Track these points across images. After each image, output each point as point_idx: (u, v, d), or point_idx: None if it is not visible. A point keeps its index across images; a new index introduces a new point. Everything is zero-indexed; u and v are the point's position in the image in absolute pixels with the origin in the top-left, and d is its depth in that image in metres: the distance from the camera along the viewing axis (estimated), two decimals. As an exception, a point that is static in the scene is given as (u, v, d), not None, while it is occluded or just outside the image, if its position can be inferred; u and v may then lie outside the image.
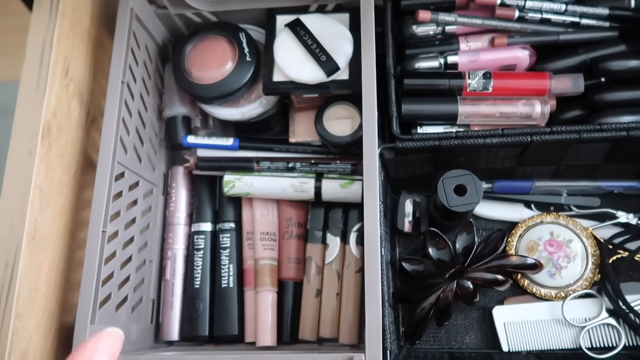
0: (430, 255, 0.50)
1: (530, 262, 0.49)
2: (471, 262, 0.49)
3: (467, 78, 0.52)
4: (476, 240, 0.50)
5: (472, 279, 0.48)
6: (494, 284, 0.49)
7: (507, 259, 0.49)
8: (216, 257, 0.54)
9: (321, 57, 0.50)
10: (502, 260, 0.49)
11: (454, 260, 0.50)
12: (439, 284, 0.49)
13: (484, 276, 0.48)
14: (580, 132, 0.46)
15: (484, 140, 0.47)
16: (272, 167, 0.54)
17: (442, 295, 0.48)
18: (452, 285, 0.48)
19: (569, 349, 0.49)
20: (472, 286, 0.48)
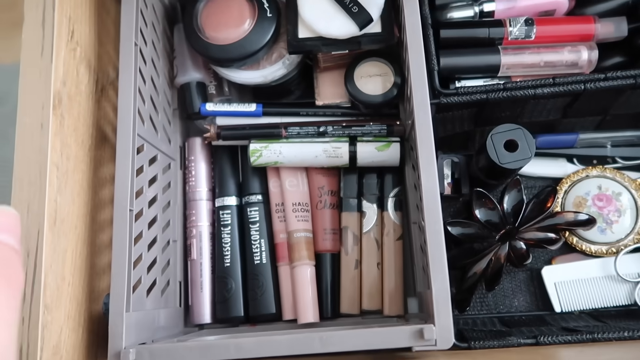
0: (477, 217, 0.47)
1: (584, 218, 0.46)
2: (522, 222, 0.47)
3: (508, 26, 0.48)
4: (525, 199, 0.47)
5: (525, 240, 0.45)
6: (547, 243, 0.46)
7: (560, 216, 0.46)
8: (245, 232, 0.51)
9: (353, 9, 0.46)
10: (555, 218, 0.46)
11: (503, 221, 0.47)
12: (489, 247, 0.46)
13: (537, 235, 0.45)
14: (636, 77, 0.43)
15: (534, 91, 0.44)
16: (302, 133, 0.49)
17: (493, 258, 0.45)
18: (504, 247, 0.45)
19: (623, 305, 0.47)
20: (525, 247, 0.45)
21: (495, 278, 0.46)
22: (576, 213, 0.47)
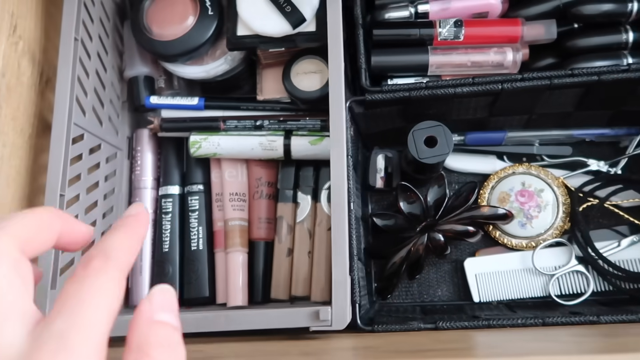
0: (401, 209, 0.50)
1: (501, 212, 0.48)
2: (442, 215, 0.49)
3: (438, 27, 0.50)
4: (447, 193, 0.50)
5: (443, 231, 0.48)
6: (465, 236, 0.48)
7: (478, 210, 0.48)
8: (185, 220, 0.53)
9: (286, 8, 0.48)
10: (473, 211, 0.48)
11: (425, 214, 0.49)
12: (411, 237, 0.49)
13: (455, 228, 0.48)
14: (551, 78, 0.45)
15: (454, 90, 0.46)
16: (240, 126, 0.52)
17: (413, 248, 0.48)
18: (422, 238, 0.48)
19: (539, 297, 0.50)
20: (442, 238, 0.47)
21: (415, 268, 0.49)
22: (493, 207, 0.49)
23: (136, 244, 0.21)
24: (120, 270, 0.19)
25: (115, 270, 0.19)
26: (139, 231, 0.21)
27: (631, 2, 0.50)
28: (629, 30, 0.50)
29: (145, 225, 0.22)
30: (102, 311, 0.18)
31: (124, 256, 0.20)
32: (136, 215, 0.22)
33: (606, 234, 0.51)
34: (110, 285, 0.19)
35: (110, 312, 0.18)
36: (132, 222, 0.21)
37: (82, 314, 0.17)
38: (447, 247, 0.48)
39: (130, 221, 0.21)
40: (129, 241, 0.21)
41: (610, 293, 0.49)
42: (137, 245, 0.21)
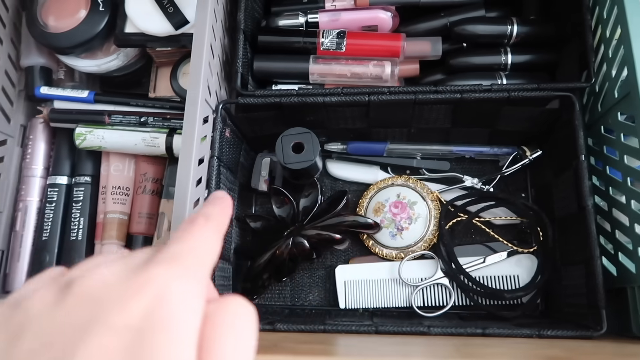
0: (274, 213, 0.51)
1: (365, 222, 0.49)
2: (310, 220, 0.50)
3: (321, 37, 0.52)
4: (319, 200, 0.51)
5: (309, 237, 0.49)
6: (331, 242, 0.49)
7: (343, 217, 0.49)
8: (69, 210, 0.54)
9: (169, 9, 0.49)
10: (338, 218, 0.49)
11: (294, 218, 0.50)
12: (278, 241, 0.49)
13: (320, 234, 0.49)
14: (416, 93, 0.46)
15: (323, 99, 0.47)
16: (125, 121, 0.53)
17: (277, 252, 0.48)
18: (288, 242, 0.48)
19: (404, 307, 0.50)
20: (307, 244, 0.48)
21: (280, 271, 0.49)
22: (358, 216, 0.50)
23: (227, 217, 0.24)
24: (218, 231, 0.22)
25: (215, 229, 0.22)
26: (228, 207, 0.24)
27: (511, 24, 0.51)
28: (508, 52, 0.52)
29: (231, 205, 0.25)
30: (208, 250, 0.21)
31: (220, 221, 0.23)
32: (223, 196, 0.25)
33: (478, 249, 0.52)
34: (213, 237, 0.22)
35: (213, 256, 0.21)
36: (223, 200, 0.24)
37: (191, 244, 0.20)
38: (313, 253, 0.49)
39: (221, 197, 0.25)
40: (223, 211, 0.24)
41: (471, 308, 0.50)
42: (227, 217, 0.24)
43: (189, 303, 0.17)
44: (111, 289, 0.17)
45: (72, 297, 0.17)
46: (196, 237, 0.21)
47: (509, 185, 0.54)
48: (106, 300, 0.17)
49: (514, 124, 0.50)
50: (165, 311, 0.17)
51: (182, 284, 0.18)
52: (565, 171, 0.46)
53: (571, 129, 0.45)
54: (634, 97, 0.40)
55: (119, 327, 0.16)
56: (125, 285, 0.17)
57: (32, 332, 0.16)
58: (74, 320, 0.16)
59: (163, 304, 0.17)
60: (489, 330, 0.41)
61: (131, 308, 0.16)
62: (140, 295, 0.17)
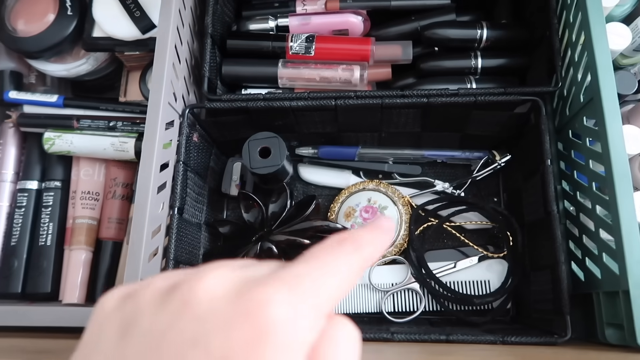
0: (243, 218, 0.50)
1: (332, 227, 0.49)
2: (279, 226, 0.49)
3: (290, 41, 0.51)
4: (288, 205, 0.50)
5: (277, 242, 0.48)
6: (300, 248, 0.49)
7: (310, 222, 0.49)
8: (38, 215, 0.54)
9: (135, 13, 0.49)
10: (305, 223, 0.49)
11: (263, 223, 0.50)
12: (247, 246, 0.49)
13: (288, 239, 0.48)
14: (382, 98, 0.46)
15: (290, 103, 0.47)
16: (93, 126, 0.53)
17: (245, 258, 0.48)
18: (256, 248, 0.48)
19: (375, 312, 0.50)
20: (275, 249, 0.48)
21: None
22: (326, 221, 0.50)
23: (380, 251, 0.20)
24: (362, 266, 0.19)
25: (361, 262, 0.18)
26: (387, 241, 0.20)
27: (481, 28, 0.51)
28: (478, 56, 0.51)
29: (390, 239, 0.21)
30: (338, 281, 0.17)
31: (370, 254, 0.19)
32: (387, 226, 0.21)
33: (450, 254, 0.52)
34: (353, 269, 0.18)
35: (342, 290, 0.17)
36: (385, 230, 0.20)
37: (321, 270, 0.17)
38: (282, 259, 0.48)
39: (385, 227, 0.20)
40: (379, 244, 0.20)
41: (442, 313, 0.49)
42: (380, 252, 0.20)
43: (296, 337, 0.16)
44: (215, 307, 0.16)
45: (176, 303, 0.16)
46: (334, 263, 0.18)
47: (482, 190, 0.54)
48: (209, 320, 0.16)
49: (484, 128, 0.50)
50: (265, 344, 0.15)
51: (295, 315, 0.16)
52: (534, 176, 0.46)
53: (538, 133, 0.44)
54: (596, 102, 0.40)
55: (217, 354, 0.15)
56: (231, 305, 0.16)
57: (139, 330, 0.16)
58: (174, 332, 0.16)
59: (266, 335, 0.15)
60: (453, 337, 0.40)
61: (233, 335, 0.15)
62: (246, 320, 0.15)
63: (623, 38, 0.45)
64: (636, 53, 0.49)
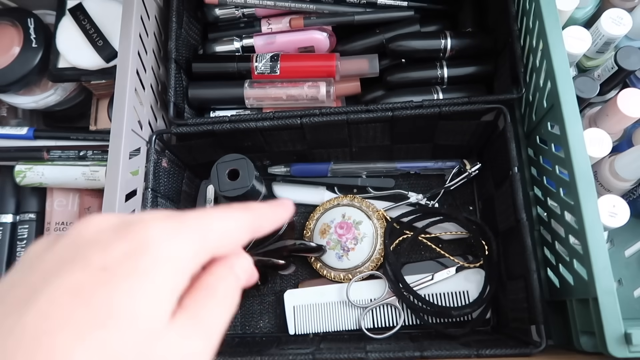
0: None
1: (310, 245, 0.49)
2: (252, 247, 0.49)
3: (255, 61, 0.51)
4: (261, 225, 0.50)
5: (251, 264, 0.48)
6: (274, 268, 0.48)
7: (284, 242, 0.48)
8: (14, 248, 0.53)
9: (98, 42, 0.49)
10: (280, 243, 0.48)
11: (236, 246, 0.49)
12: (221, 269, 0.49)
13: (261, 260, 0.48)
14: (348, 114, 0.46)
15: (256, 124, 0.47)
16: (64, 156, 0.53)
17: (220, 280, 0.48)
18: (229, 270, 0.48)
19: (354, 329, 0.49)
20: (249, 271, 0.47)
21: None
22: (300, 240, 0.49)
23: (272, 218, 0.22)
24: (250, 223, 0.21)
25: (248, 219, 0.21)
26: (281, 212, 0.23)
27: (445, 38, 0.51)
28: (444, 66, 0.51)
29: (286, 213, 0.24)
30: (223, 228, 0.20)
31: (261, 216, 0.22)
32: (284, 202, 0.24)
33: (428, 266, 0.51)
34: (239, 223, 0.20)
35: (228, 237, 0.20)
36: (281, 204, 0.23)
37: (208, 216, 0.19)
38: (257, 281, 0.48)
39: (281, 203, 0.23)
40: (271, 211, 0.22)
41: (422, 327, 0.49)
42: (272, 219, 0.22)
43: (173, 260, 0.17)
44: (101, 234, 0.18)
45: (66, 238, 0.18)
46: (218, 214, 0.20)
47: (457, 199, 0.53)
48: (92, 242, 0.18)
49: (453, 137, 0.50)
50: (143, 261, 0.17)
51: (173, 237, 0.18)
52: (504, 183, 0.46)
53: (504, 140, 0.44)
54: (557, 108, 0.39)
55: (95, 266, 0.17)
56: (116, 232, 0.18)
57: (24, 265, 0.18)
58: (57, 258, 0.17)
59: (144, 252, 0.17)
60: (427, 353, 0.40)
61: (111, 251, 0.17)
62: (125, 240, 0.17)
63: (583, 41, 0.45)
64: (599, 55, 0.49)
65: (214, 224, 0.19)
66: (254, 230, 0.21)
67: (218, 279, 0.19)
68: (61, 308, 0.16)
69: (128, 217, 0.19)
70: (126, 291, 0.16)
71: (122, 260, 0.17)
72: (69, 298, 0.16)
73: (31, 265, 0.18)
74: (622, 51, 0.45)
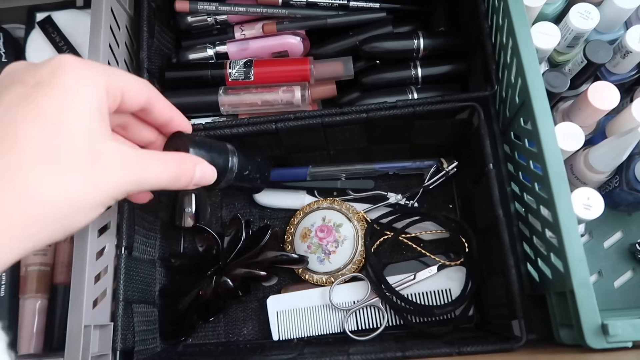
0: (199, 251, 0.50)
1: (291, 257, 0.48)
2: (234, 258, 0.49)
3: (228, 68, 0.51)
4: (243, 236, 0.49)
5: (233, 276, 0.47)
6: (256, 280, 0.48)
7: (265, 254, 0.48)
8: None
9: (68, 54, 0.49)
10: (261, 255, 0.48)
11: (219, 257, 0.49)
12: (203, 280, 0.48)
13: (243, 272, 0.47)
14: (322, 117, 0.46)
15: (230, 131, 0.47)
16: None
17: (201, 292, 0.47)
18: (211, 282, 0.47)
19: (339, 332, 0.49)
20: (231, 283, 0.47)
21: (204, 311, 0.48)
22: (281, 252, 0.48)
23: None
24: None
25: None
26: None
27: (417, 38, 0.51)
28: (418, 66, 0.52)
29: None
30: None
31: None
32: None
33: (411, 266, 0.51)
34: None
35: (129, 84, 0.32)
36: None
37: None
38: (238, 292, 0.48)
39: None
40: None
41: (406, 327, 0.49)
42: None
43: (87, 79, 0.27)
44: (28, 66, 0.27)
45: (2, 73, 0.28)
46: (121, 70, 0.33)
47: (436, 198, 0.54)
48: (23, 71, 0.27)
49: (430, 137, 0.50)
50: (66, 76, 0.26)
51: (86, 68, 0.27)
52: (481, 180, 0.46)
53: (479, 138, 0.45)
54: (528, 104, 0.40)
55: (31, 83, 0.26)
56: (38, 64, 0.27)
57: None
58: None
59: (65, 71, 0.26)
60: (408, 353, 0.39)
61: (38, 70, 0.27)
62: (47, 65, 0.27)
63: (552, 37, 0.45)
64: (570, 49, 0.49)
65: (119, 73, 0.31)
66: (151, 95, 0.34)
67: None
68: (15, 109, 0.25)
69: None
70: (59, 95, 0.26)
71: (50, 76, 0.26)
72: (17, 104, 0.25)
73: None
74: (591, 45, 0.45)
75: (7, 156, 0.24)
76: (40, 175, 0.24)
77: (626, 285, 0.50)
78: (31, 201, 0.23)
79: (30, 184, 0.23)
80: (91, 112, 0.26)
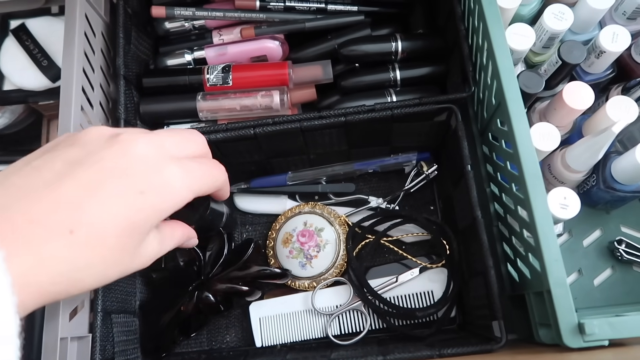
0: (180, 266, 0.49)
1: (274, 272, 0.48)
2: (215, 273, 0.48)
3: (206, 73, 0.51)
4: (225, 250, 0.49)
5: (214, 291, 0.47)
6: (239, 295, 0.48)
7: (248, 270, 0.47)
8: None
9: (43, 63, 0.48)
10: (243, 270, 0.47)
11: (200, 271, 0.48)
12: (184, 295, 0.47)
13: (225, 287, 0.47)
14: (300, 121, 0.46)
15: (209, 137, 0.46)
16: (15, 180, 0.51)
17: (182, 308, 0.47)
18: (192, 297, 0.47)
19: (322, 337, 0.49)
20: (212, 298, 0.46)
21: (185, 327, 0.48)
22: (263, 267, 0.48)
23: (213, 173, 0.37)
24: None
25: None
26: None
27: (395, 41, 0.51)
28: (396, 68, 0.52)
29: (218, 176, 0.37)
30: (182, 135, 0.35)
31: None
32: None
33: (394, 269, 0.51)
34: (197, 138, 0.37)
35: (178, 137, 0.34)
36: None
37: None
38: (219, 307, 0.47)
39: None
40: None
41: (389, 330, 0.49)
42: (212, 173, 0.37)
43: (154, 157, 0.29)
44: (94, 141, 0.29)
45: (76, 140, 0.30)
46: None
47: (418, 200, 0.54)
48: (94, 143, 0.29)
49: (409, 139, 0.50)
50: (128, 157, 0.28)
51: (143, 142, 0.29)
52: (460, 182, 0.46)
53: (457, 139, 0.45)
54: (503, 105, 0.40)
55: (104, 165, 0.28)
56: (105, 139, 0.29)
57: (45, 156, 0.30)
58: (72, 154, 0.29)
59: (127, 149, 0.28)
60: (389, 356, 0.39)
61: (108, 153, 0.28)
62: (115, 144, 0.29)
63: (527, 38, 0.45)
64: (546, 50, 0.50)
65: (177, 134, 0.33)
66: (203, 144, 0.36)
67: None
68: (89, 183, 0.27)
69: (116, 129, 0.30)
70: (114, 175, 0.28)
71: (117, 157, 0.28)
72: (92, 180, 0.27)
73: (52, 158, 0.28)
74: (565, 45, 0.46)
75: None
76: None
77: (606, 283, 0.50)
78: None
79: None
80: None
